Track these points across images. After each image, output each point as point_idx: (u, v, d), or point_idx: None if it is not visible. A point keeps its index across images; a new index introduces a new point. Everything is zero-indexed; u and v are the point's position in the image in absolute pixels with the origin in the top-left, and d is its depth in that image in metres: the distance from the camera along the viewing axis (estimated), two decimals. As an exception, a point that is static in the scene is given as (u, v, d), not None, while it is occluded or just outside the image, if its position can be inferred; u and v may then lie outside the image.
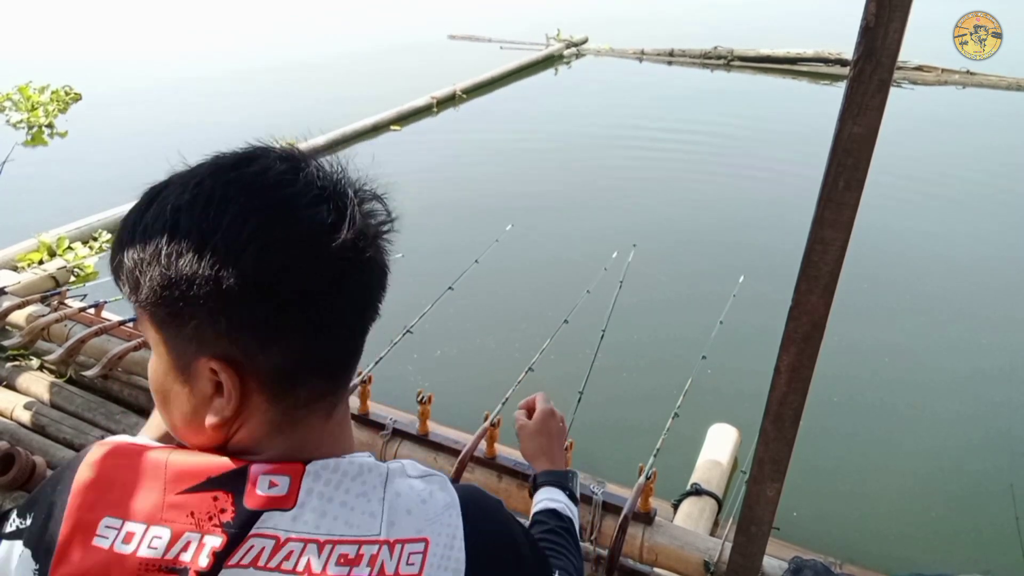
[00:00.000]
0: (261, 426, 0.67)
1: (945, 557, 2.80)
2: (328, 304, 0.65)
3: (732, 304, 3.10)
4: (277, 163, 0.67)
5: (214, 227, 0.62)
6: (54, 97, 8.78)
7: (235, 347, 0.64)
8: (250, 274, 0.61)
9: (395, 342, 2.68)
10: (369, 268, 0.69)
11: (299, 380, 0.67)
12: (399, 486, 0.69)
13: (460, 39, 13.61)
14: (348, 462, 0.68)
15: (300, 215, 0.64)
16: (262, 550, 0.62)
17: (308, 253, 0.64)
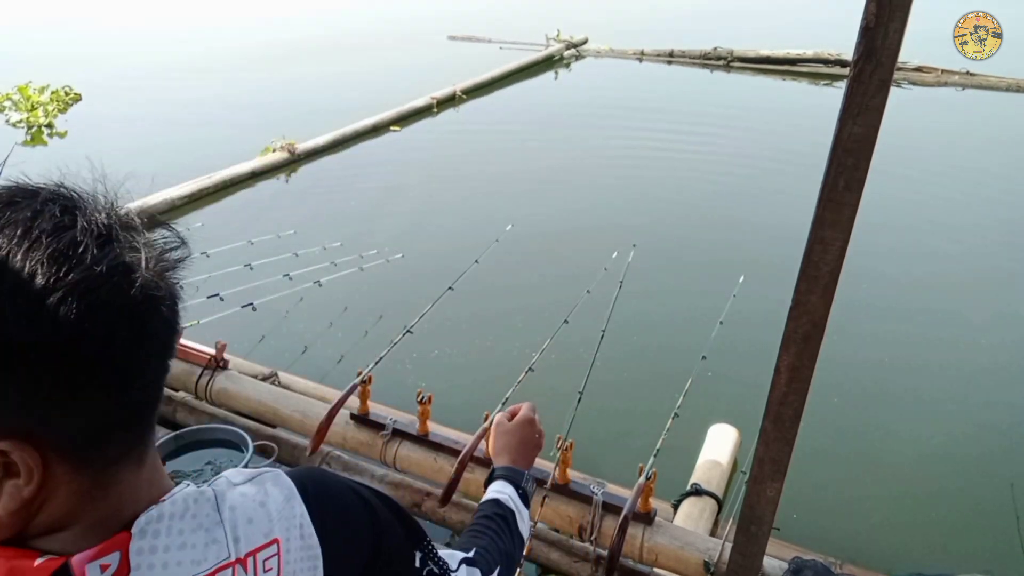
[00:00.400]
0: (68, 498, 0.59)
1: (945, 557, 2.80)
2: (132, 352, 0.59)
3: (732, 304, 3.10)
4: (48, 206, 0.58)
5: None
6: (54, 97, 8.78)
7: (29, 418, 0.55)
8: (47, 333, 0.54)
9: (395, 342, 2.68)
10: (169, 304, 0.62)
11: (106, 438, 0.60)
12: (232, 500, 0.65)
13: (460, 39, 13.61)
14: (170, 504, 0.62)
15: (90, 261, 0.56)
16: None
17: (106, 301, 0.56)
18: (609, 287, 3.09)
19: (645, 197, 6.39)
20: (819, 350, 1.44)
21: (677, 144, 7.76)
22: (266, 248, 4.19)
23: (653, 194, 6.47)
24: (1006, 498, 2.98)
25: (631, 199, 6.33)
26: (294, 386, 3.18)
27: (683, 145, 7.73)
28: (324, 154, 7.30)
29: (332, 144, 7.44)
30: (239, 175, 6.42)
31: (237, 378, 2.90)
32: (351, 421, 2.56)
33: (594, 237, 5.42)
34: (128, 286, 0.57)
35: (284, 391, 2.92)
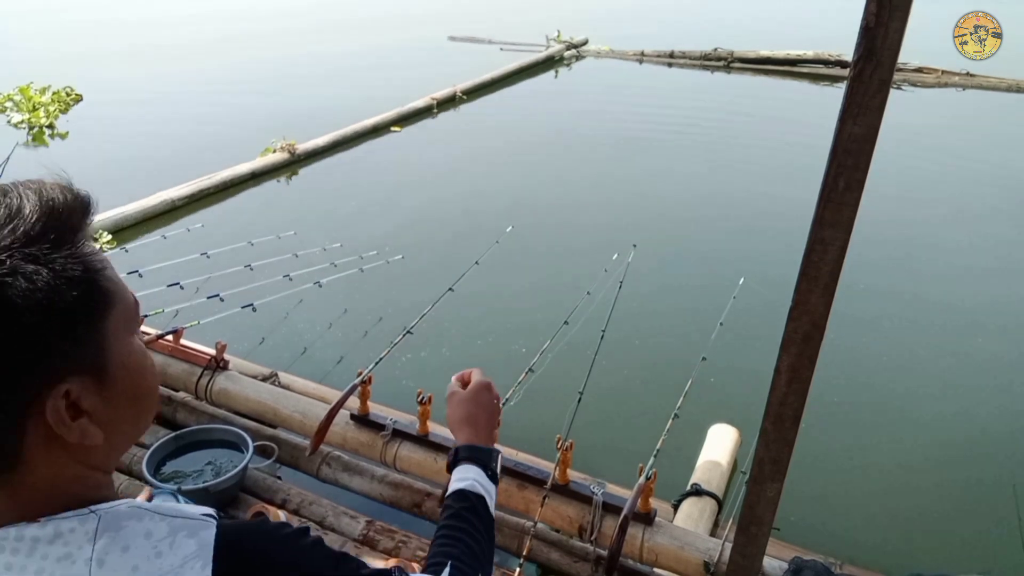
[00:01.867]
0: None
1: (945, 557, 2.80)
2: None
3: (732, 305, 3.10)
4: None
5: None
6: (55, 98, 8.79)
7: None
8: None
9: (395, 343, 2.68)
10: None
11: None
12: (126, 538, 0.60)
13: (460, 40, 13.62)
14: (40, 526, 0.59)
15: None
16: None
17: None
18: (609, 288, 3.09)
19: (645, 198, 6.39)
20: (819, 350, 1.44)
21: (677, 145, 7.77)
22: (266, 249, 4.19)
23: (653, 195, 6.47)
24: (1006, 498, 2.98)
25: (631, 200, 6.33)
26: (294, 386, 3.19)
27: (683, 146, 7.73)
28: (324, 155, 7.31)
29: (332, 144, 7.45)
30: (239, 176, 6.42)
31: (237, 378, 2.90)
32: (351, 421, 2.56)
33: (594, 238, 5.42)
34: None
35: (284, 391, 2.92)
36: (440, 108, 9.00)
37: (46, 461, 0.62)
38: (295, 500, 2.48)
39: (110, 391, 0.64)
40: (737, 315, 3.20)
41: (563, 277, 4.75)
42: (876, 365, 3.98)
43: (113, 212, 5.24)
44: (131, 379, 0.66)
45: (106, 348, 0.63)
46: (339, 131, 7.61)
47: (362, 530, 2.36)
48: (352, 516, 2.42)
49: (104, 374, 0.63)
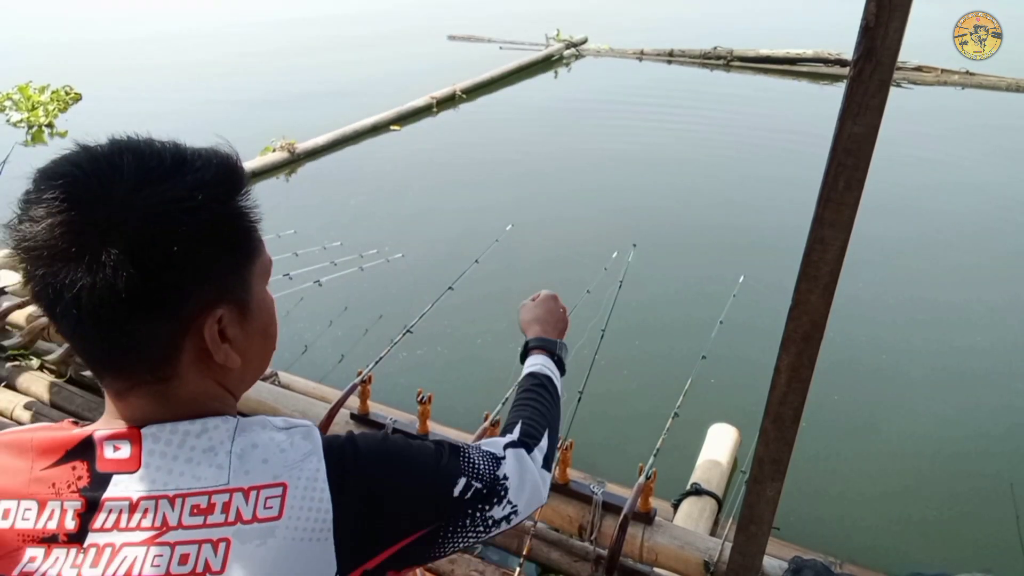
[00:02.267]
0: (107, 394, 0.75)
1: (945, 557, 2.80)
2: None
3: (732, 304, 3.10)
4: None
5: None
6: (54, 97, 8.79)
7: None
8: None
9: (395, 342, 2.68)
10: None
11: (93, 366, 0.73)
12: (256, 438, 0.73)
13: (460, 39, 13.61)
14: (190, 422, 0.72)
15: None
16: (120, 512, 0.68)
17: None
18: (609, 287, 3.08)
19: (645, 197, 6.39)
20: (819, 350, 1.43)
21: (677, 143, 7.76)
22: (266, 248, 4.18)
23: (653, 194, 6.47)
24: (1006, 498, 2.98)
25: (631, 199, 6.33)
26: (294, 386, 3.18)
27: (683, 144, 7.73)
28: (324, 154, 7.30)
29: (332, 144, 7.45)
30: (239, 175, 6.41)
31: (237, 378, 2.89)
32: (351, 421, 2.56)
33: (594, 237, 5.42)
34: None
35: (284, 391, 2.92)
36: (440, 107, 9.00)
37: (194, 377, 0.74)
38: (295, 499, 2.48)
39: (249, 325, 0.77)
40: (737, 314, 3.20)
41: (563, 276, 4.75)
42: (876, 365, 3.98)
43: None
44: (264, 318, 0.81)
45: (250, 288, 0.77)
46: (339, 130, 7.61)
47: (362, 529, 2.36)
48: (352, 515, 2.41)
49: (247, 309, 0.77)
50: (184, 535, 0.68)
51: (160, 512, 0.68)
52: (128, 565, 0.67)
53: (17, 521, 0.69)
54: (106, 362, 0.72)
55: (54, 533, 0.68)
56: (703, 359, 2.70)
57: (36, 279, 0.68)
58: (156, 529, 0.68)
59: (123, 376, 0.72)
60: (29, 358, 3.25)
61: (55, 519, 0.68)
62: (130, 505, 0.68)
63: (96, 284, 0.65)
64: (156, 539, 0.67)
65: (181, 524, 0.68)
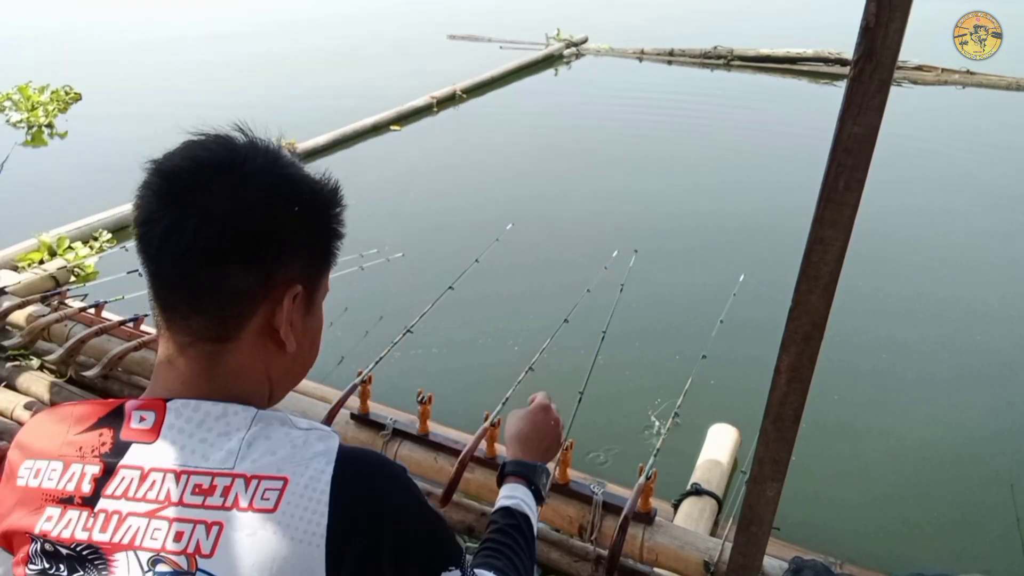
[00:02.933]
0: (159, 358, 0.80)
1: (945, 557, 2.80)
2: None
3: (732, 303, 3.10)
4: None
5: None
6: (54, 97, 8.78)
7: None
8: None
9: (395, 342, 2.68)
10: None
11: (167, 312, 0.78)
12: (272, 431, 0.74)
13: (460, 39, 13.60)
14: (214, 404, 0.75)
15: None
16: (131, 481, 0.71)
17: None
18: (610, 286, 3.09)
19: (646, 196, 6.39)
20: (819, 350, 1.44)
21: (677, 142, 7.76)
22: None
23: (653, 193, 6.47)
24: (1006, 498, 2.98)
25: (632, 198, 6.33)
26: (294, 386, 3.18)
27: (684, 144, 7.73)
28: (324, 153, 7.30)
29: (332, 144, 7.44)
30: (239, 175, 6.41)
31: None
32: (351, 421, 2.56)
33: (595, 236, 5.42)
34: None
35: (284, 391, 2.92)
36: (440, 107, 8.99)
37: (250, 348, 0.79)
38: (295, 500, 2.48)
39: (308, 321, 0.83)
40: (737, 313, 3.20)
41: (563, 275, 4.75)
42: (876, 365, 3.98)
43: (113, 211, 5.23)
44: (317, 324, 0.87)
45: (320, 288, 0.84)
46: (339, 130, 7.60)
47: (362, 530, 2.36)
48: (352, 516, 2.42)
49: (312, 304, 0.83)
50: (183, 512, 0.69)
51: (165, 486, 0.70)
52: (132, 535, 0.69)
53: (44, 481, 0.72)
54: (185, 306, 0.76)
55: (71, 495, 0.71)
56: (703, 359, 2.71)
57: (156, 209, 0.74)
58: (159, 503, 0.70)
59: (192, 325, 0.76)
60: (29, 358, 3.25)
61: (74, 481, 0.72)
62: (141, 475, 0.71)
63: (219, 217, 0.73)
64: (157, 512, 0.69)
65: (182, 501, 0.69)
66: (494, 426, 2.30)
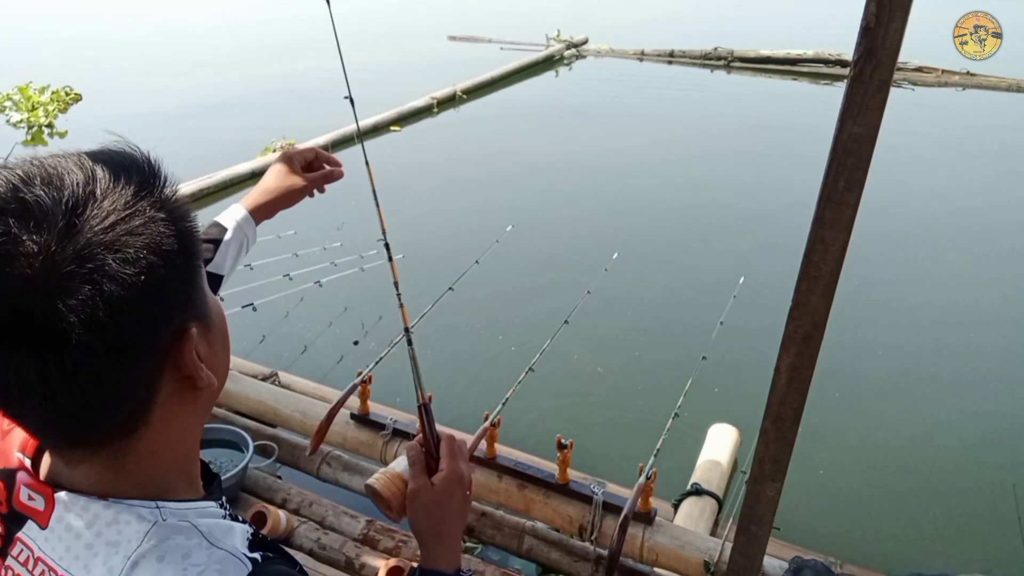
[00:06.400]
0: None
1: (945, 557, 2.80)
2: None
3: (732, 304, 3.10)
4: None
5: None
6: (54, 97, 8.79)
7: None
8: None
9: (395, 342, 2.68)
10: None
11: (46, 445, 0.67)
12: (168, 552, 0.62)
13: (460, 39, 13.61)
14: (106, 505, 0.63)
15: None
16: (28, 557, 0.65)
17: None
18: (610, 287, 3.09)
19: (646, 197, 6.39)
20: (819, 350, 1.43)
21: (678, 144, 7.76)
22: (266, 248, 4.18)
23: (654, 194, 6.47)
24: (1007, 498, 2.98)
25: (632, 199, 6.33)
26: (294, 386, 3.18)
27: (684, 145, 7.73)
28: (324, 154, 7.30)
29: (332, 144, 7.44)
30: (239, 175, 6.42)
31: (237, 378, 2.90)
32: (351, 421, 2.56)
33: (595, 237, 5.42)
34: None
35: (284, 391, 2.92)
36: (440, 107, 9.00)
37: (165, 413, 0.65)
38: (295, 500, 2.48)
39: (212, 336, 0.68)
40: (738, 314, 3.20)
41: (564, 276, 4.75)
42: (876, 365, 3.98)
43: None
44: (221, 323, 0.71)
45: (205, 294, 0.68)
46: (339, 130, 7.60)
47: (362, 529, 2.36)
48: (352, 516, 2.42)
49: (207, 319, 0.67)
50: None
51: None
52: None
53: None
54: (73, 433, 0.62)
55: None
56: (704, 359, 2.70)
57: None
58: None
59: (88, 442, 0.64)
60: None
61: None
62: (34, 557, 0.65)
63: (64, 346, 0.55)
64: None
65: None
66: (494, 426, 2.30)
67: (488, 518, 2.35)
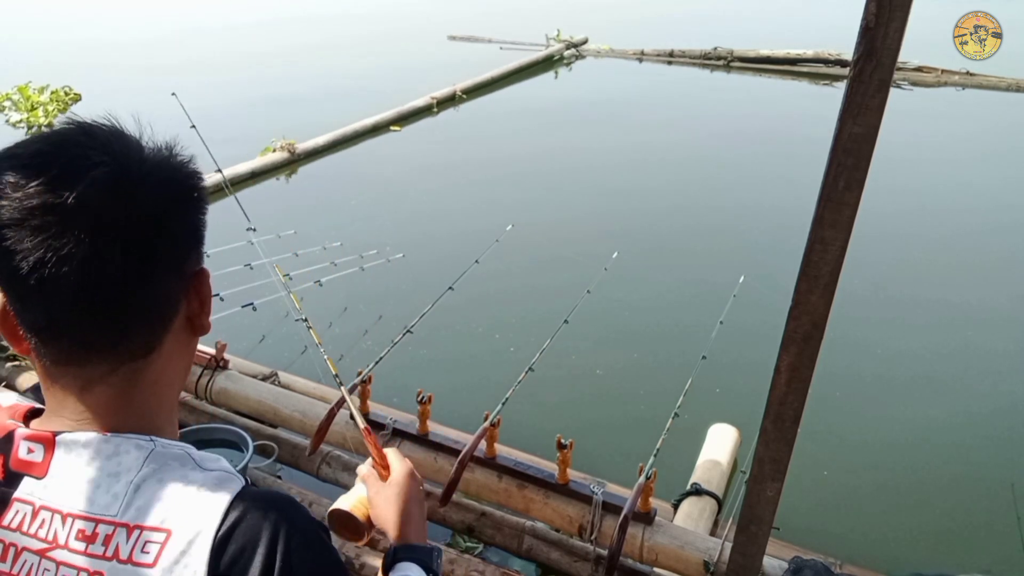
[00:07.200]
0: (41, 380, 0.73)
1: (945, 557, 2.80)
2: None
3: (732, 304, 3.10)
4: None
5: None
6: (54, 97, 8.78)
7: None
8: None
9: (395, 342, 2.68)
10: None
11: (78, 353, 0.71)
12: (166, 473, 0.69)
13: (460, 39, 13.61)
14: (105, 440, 0.69)
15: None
16: (24, 516, 0.69)
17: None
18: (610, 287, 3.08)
19: (646, 197, 6.39)
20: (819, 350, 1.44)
21: (678, 144, 7.76)
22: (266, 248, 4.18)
23: (654, 194, 6.47)
24: (1006, 498, 2.98)
25: (632, 199, 6.33)
26: (294, 386, 3.18)
27: (684, 144, 7.73)
28: (324, 154, 7.30)
29: (332, 144, 7.44)
30: (239, 175, 6.42)
31: (237, 378, 2.90)
32: (351, 421, 2.56)
33: (595, 237, 5.42)
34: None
35: (284, 391, 2.92)
36: (440, 107, 9.00)
37: (170, 349, 0.75)
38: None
39: (205, 287, 0.78)
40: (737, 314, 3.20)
41: (563, 276, 4.75)
42: (876, 365, 3.98)
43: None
44: (208, 282, 0.80)
45: (202, 253, 0.79)
46: (339, 130, 7.60)
47: (362, 529, 2.36)
48: (352, 515, 2.42)
49: (204, 271, 0.78)
50: (67, 556, 0.67)
51: (53, 527, 0.68)
52: (27, 571, 0.68)
53: None
54: (110, 336, 0.70)
55: None
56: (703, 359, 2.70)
57: (31, 242, 0.64)
58: (48, 543, 0.68)
59: (116, 353, 0.71)
60: (29, 358, 3.25)
61: None
62: (32, 511, 0.68)
63: (130, 236, 0.67)
64: (47, 552, 0.68)
65: (67, 545, 0.67)
66: (494, 426, 2.30)
67: (488, 518, 2.35)
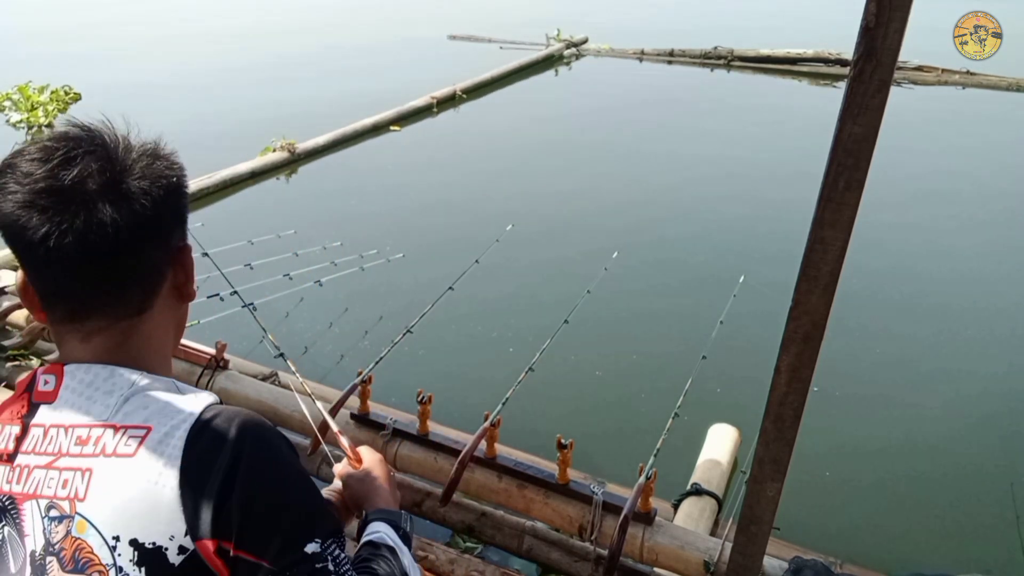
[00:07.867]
0: (54, 338, 0.88)
1: (945, 557, 2.80)
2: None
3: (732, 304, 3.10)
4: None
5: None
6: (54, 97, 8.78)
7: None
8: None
9: (395, 342, 2.68)
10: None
11: (81, 310, 0.85)
12: (152, 389, 0.82)
13: (460, 39, 13.60)
14: (103, 367, 0.83)
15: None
16: (37, 438, 0.81)
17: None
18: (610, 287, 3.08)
19: (646, 197, 6.39)
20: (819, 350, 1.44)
21: (678, 143, 7.76)
22: (266, 248, 4.19)
23: (654, 194, 6.47)
24: (1006, 498, 2.98)
25: (632, 199, 6.33)
26: (294, 386, 3.18)
27: (684, 144, 7.73)
28: (324, 154, 7.30)
29: (332, 144, 7.44)
30: (239, 175, 6.42)
31: (237, 378, 2.90)
32: (351, 421, 2.56)
33: (595, 237, 5.42)
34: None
35: (284, 391, 2.92)
36: (440, 107, 8.99)
37: (161, 311, 0.90)
38: (295, 499, 2.48)
39: (188, 260, 0.93)
40: (738, 314, 3.20)
41: (564, 275, 4.75)
42: (876, 365, 3.98)
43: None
44: (191, 256, 0.94)
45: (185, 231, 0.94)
46: (339, 130, 7.60)
47: (362, 529, 2.36)
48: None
49: (187, 246, 0.93)
50: (69, 462, 0.79)
51: (58, 441, 0.80)
52: (35, 485, 0.79)
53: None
54: (108, 295, 0.84)
55: (3, 452, 0.83)
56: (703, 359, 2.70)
57: (38, 219, 0.78)
58: (53, 455, 0.80)
59: (114, 311, 0.85)
60: (29, 358, 3.25)
61: (4, 441, 0.83)
62: (44, 431, 0.81)
63: (120, 213, 0.80)
64: (52, 464, 0.79)
65: (68, 452, 0.79)
66: (494, 426, 2.30)
67: (488, 518, 2.35)
